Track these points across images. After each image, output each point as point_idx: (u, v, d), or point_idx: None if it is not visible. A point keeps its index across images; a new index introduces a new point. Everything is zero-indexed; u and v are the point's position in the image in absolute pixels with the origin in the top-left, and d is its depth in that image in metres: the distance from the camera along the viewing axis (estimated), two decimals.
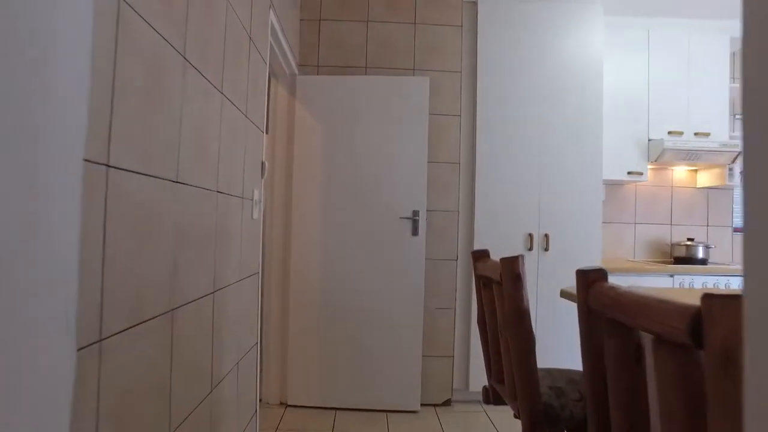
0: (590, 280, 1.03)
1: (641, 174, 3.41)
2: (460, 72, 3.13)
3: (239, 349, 1.83)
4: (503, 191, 3.04)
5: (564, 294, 1.85)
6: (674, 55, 3.51)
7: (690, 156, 3.38)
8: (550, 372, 1.78)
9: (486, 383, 1.82)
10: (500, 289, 1.49)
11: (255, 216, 2.01)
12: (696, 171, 3.86)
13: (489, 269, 1.59)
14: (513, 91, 3.08)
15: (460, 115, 3.11)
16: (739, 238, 3.93)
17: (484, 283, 1.69)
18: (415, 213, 2.92)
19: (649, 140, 3.44)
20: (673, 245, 3.63)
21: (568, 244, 3.02)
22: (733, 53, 3.79)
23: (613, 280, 3.03)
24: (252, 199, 1.96)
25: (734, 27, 3.63)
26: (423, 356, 2.98)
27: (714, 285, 3.16)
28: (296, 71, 3.06)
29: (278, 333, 3.02)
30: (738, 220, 3.95)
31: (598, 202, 3.06)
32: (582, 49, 3.13)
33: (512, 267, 1.40)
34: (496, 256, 2.89)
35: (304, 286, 2.98)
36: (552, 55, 3.11)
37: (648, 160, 3.44)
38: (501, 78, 3.08)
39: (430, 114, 3.01)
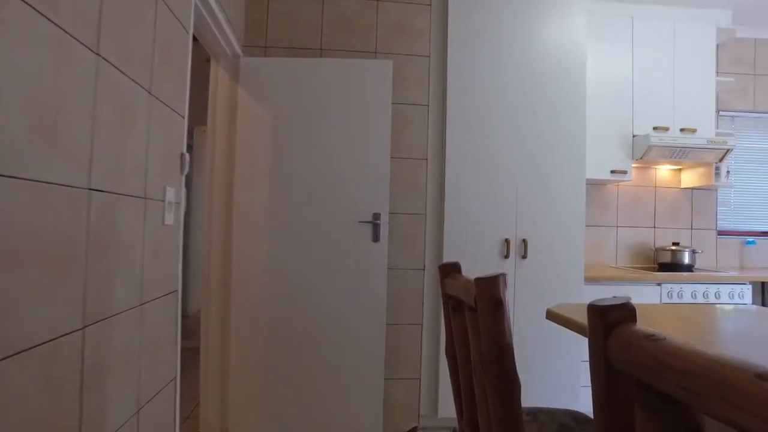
0: (611, 322, 0.68)
1: (625, 173, 3.13)
2: (429, 57, 2.77)
3: (142, 393, 1.42)
4: (476, 192, 2.70)
5: (552, 316, 1.51)
6: (659, 45, 3.25)
7: (676, 153, 3.12)
8: (536, 415, 1.43)
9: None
10: (475, 317, 1.13)
11: (169, 221, 1.60)
12: (680, 170, 3.61)
13: (460, 289, 1.23)
14: (488, 80, 2.74)
15: (427, 105, 2.75)
16: (723, 241, 3.71)
17: (453, 307, 1.33)
18: (376, 216, 2.55)
19: (633, 136, 3.17)
20: (657, 250, 3.36)
21: (549, 250, 2.71)
22: (718, 45, 3.57)
23: (596, 289, 2.63)
24: (164, 200, 1.55)
25: (720, 16, 3.40)
26: (385, 379, 2.61)
27: (703, 294, 2.90)
28: (240, 52, 2.65)
29: (218, 354, 2.60)
30: (722, 223, 3.72)
31: (581, 204, 2.75)
32: (564, 36, 2.82)
33: (491, 291, 1.04)
34: (468, 264, 2.54)
35: (248, 300, 2.57)
36: (531, 41, 2.79)
37: (632, 158, 3.16)
38: (474, 65, 2.75)
39: (393, 103, 2.65)
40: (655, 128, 3.16)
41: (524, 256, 2.68)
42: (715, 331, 1.41)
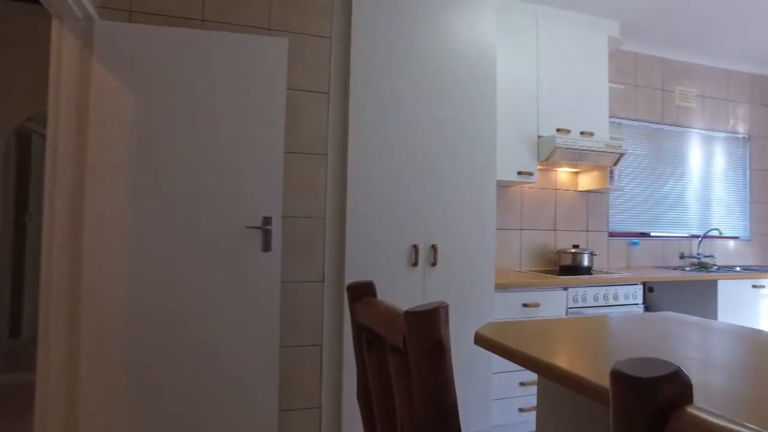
0: (663, 405, 0.41)
1: (531, 174, 3.06)
2: (330, 38, 2.45)
3: None
4: (382, 192, 2.42)
5: (484, 342, 1.26)
6: (560, 48, 3.24)
7: (577, 156, 3.12)
8: None
9: None
10: (404, 362, 0.83)
11: None
12: (577, 173, 3.67)
13: (381, 321, 0.92)
14: (396, 70, 2.48)
15: (328, 93, 2.42)
16: (614, 243, 3.84)
17: (369, 342, 1.02)
18: (267, 220, 2.16)
19: (538, 137, 3.11)
20: (559, 253, 3.36)
21: (460, 257, 2.51)
22: (610, 53, 3.68)
23: (506, 297, 2.41)
24: None
25: (610, 26, 3.50)
26: (280, 411, 2.23)
27: (603, 296, 2.91)
28: (94, 14, 2.11)
29: (62, 392, 2.04)
30: (613, 225, 3.86)
31: (491, 206, 2.60)
32: (475, 30, 2.64)
33: (428, 330, 0.74)
34: (374, 274, 2.24)
35: (104, 323, 2.05)
36: (441, 33, 2.58)
37: (537, 159, 3.11)
38: (381, 52, 2.47)
39: (289, 89, 2.29)
40: (558, 130, 3.14)
41: (434, 264, 2.45)
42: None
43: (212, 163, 2.14)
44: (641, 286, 3.06)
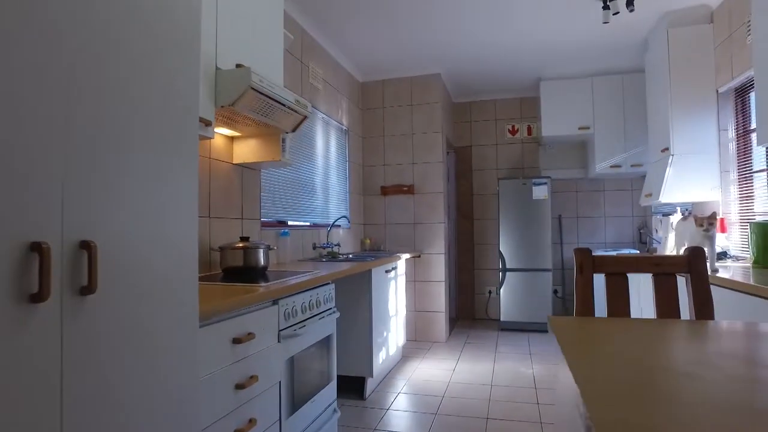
0: None
1: (209, 124, 1.92)
2: None
3: None
4: None
5: None
6: None
7: (265, 108, 2.20)
8: None
9: None
10: None
11: None
12: (233, 139, 2.70)
13: None
14: None
15: None
16: (267, 234, 3.10)
17: None
18: None
19: (217, 69, 2.00)
20: (223, 250, 2.32)
21: (143, 267, 1.16)
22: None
23: (209, 333, 1.26)
24: None
25: None
26: None
27: (310, 304, 2.14)
28: None
29: None
30: (266, 211, 3.11)
31: (193, 173, 1.35)
32: None
33: None
34: None
35: None
36: None
37: (216, 104, 1.98)
38: None
39: None
40: (238, 66, 2.12)
41: (90, 290, 1.01)
42: None
43: None
44: (333, 285, 2.47)
